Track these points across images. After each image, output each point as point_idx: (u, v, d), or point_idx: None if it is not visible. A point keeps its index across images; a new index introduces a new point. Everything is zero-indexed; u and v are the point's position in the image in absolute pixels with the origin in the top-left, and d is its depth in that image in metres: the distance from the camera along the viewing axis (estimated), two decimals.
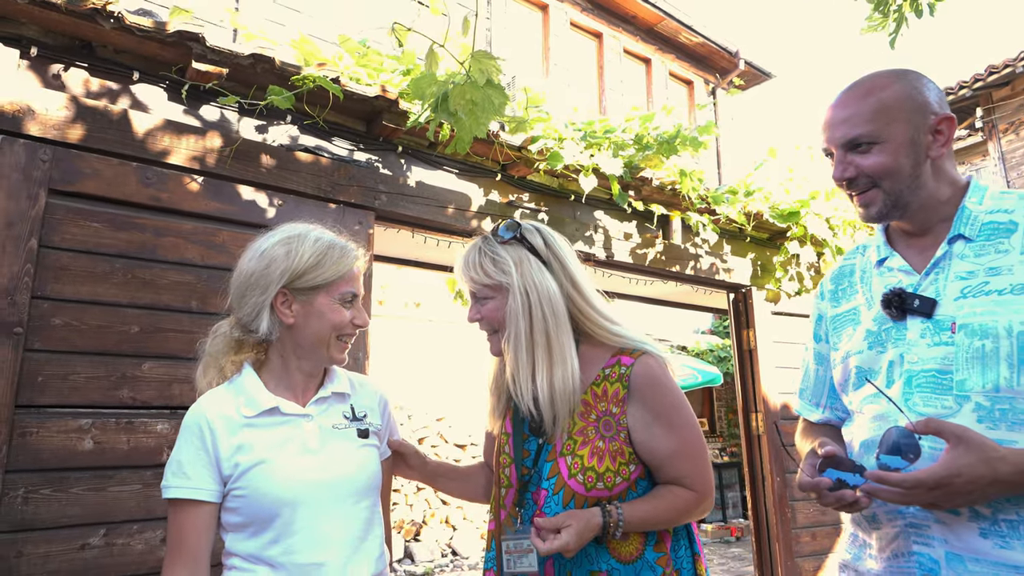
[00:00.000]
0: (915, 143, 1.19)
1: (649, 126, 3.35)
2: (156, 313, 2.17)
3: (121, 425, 2.06)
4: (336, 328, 1.32)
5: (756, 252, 4.26)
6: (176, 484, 1.23)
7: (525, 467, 1.38)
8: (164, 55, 2.34)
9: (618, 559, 1.31)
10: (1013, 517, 1.04)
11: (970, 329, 1.11)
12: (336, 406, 1.40)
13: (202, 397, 1.32)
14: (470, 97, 1.87)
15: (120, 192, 2.16)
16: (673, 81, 11.53)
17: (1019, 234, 1.14)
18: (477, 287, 1.41)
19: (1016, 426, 1.06)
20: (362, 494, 1.35)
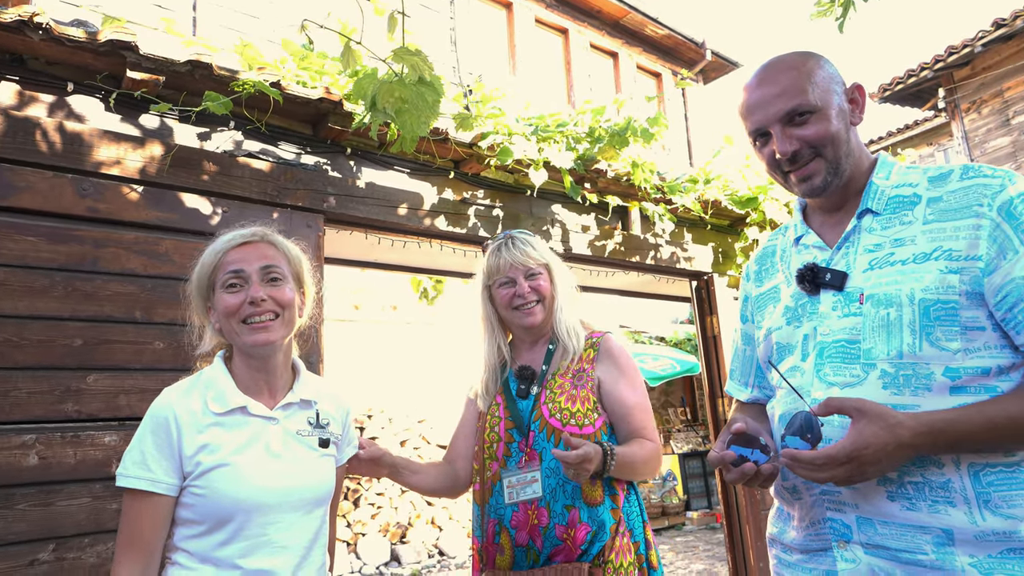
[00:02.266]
0: (842, 110, 1.23)
1: (600, 119, 3.37)
2: (99, 325, 2.16)
3: (67, 439, 2.04)
4: (228, 313, 1.31)
5: (717, 239, 4.30)
6: (136, 474, 1.23)
7: (519, 421, 1.72)
8: (97, 65, 2.33)
9: (586, 500, 1.62)
10: (918, 479, 1.08)
11: (876, 299, 1.14)
12: (301, 412, 1.40)
13: (170, 388, 1.32)
14: (399, 95, 1.87)
15: (56, 205, 2.14)
16: (641, 74, 11.58)
17: (922, 206, 1.17)
18: (534, 264, 1.78)
19: (919, 390, 1.09)
20: (316, 504, 1.36)
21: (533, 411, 1.72)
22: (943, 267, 1.10)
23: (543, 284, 1.78)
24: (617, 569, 1.60)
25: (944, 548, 1.04)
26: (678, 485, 10.08)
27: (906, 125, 13.04)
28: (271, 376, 1.37)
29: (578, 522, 1.60)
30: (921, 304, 1.10)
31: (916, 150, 13.04)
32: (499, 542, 1.67)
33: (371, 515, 7.57)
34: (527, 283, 1.76)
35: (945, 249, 1.11)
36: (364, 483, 7.62)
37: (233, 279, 1.32)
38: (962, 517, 1.04)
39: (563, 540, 1.60)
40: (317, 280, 1.51)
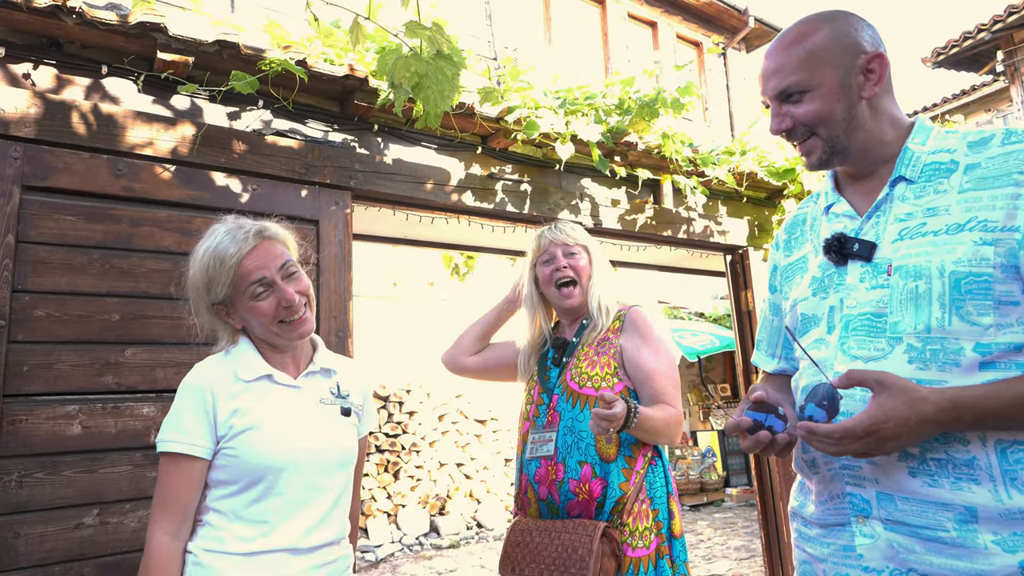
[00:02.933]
0: (846, 86, 1.17)
1: (630, 90, 3.31)
2: (136, 301, 2.24)
3: (108, 410, 2.14)
4: (265, 319, 1.38)
5: (753, 212, 4.21)
6: (175, 439, 1.32)
7: (548, 387, 1.94)
8: (129, 47, 2.38)
9: (600, 456, 1.76)
10: (941, 456, 1.05)
11: (904, 271, 1.10)
12: (323, 381, 1.49)
13: (201, 363, 1.42)
14: (415, 70, 1.87)
15: (93, 185, 2.22)
16: (681, 43, 11.30)
17: (959, 173, 1.12)
18: (572, 243, 1.99)
19: (947, 366, 1.05)
20: (339, 467, 1.45)
21: (559, 377, 1.92)
22: (977, 238, 1.06)
23: (580, 263, 1.97)
24: (633, 532, 1.72)
25: (967, 525, 1.01)
26: (717, 461, 10.02)
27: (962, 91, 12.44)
28: (295, 351, 1.47)
29: (592, 477, 1.75)
30: (952, 277, 1.05)
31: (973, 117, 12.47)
32: (527, 495, 1.86)
33: (411, 487, 7.74)
34: (565, 259, 1.97)
35: (980, 220, 1.06)
36: (404, 456, 7.78)
37: (259, 288, 1.37)
38: (986, 495, 1.01)
39: (576, 494, 1.75)
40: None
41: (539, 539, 1.74)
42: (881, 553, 1.08)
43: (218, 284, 1.37)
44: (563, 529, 1.71)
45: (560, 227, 2.05)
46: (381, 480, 7.60)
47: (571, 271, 1.96)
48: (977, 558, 1.00)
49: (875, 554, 1.09)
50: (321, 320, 2.57)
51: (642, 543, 1.72)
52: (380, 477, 7.61)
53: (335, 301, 2.61)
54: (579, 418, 1.81)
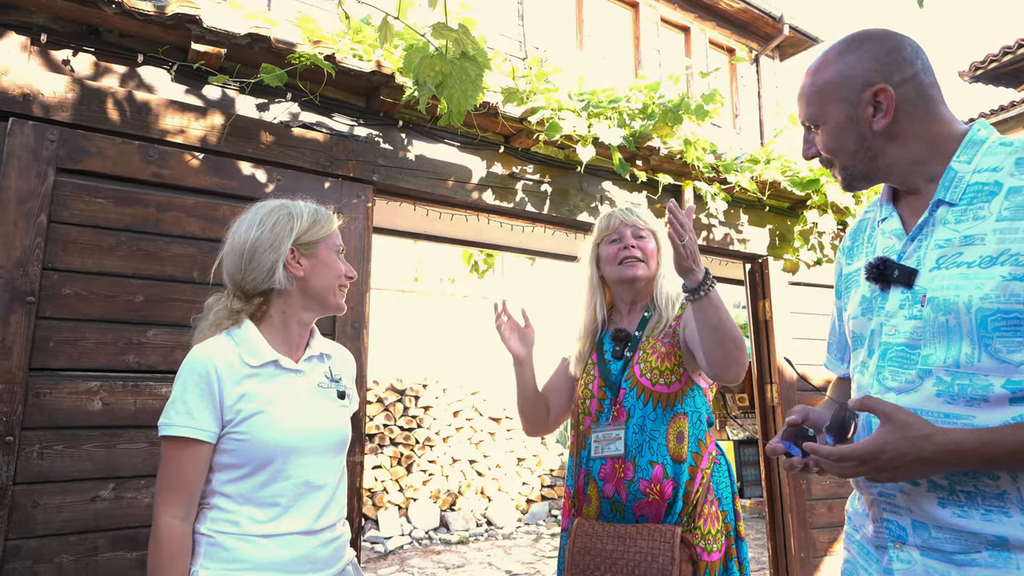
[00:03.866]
0: (853, 119, 1.18)
1: (655, 95, 3.32)
2: (160, 283, 2.31)
3: (128, 388, 2.21)
4: (339, 275, 1.51)
5: (775, 222, 4.19)
6: (180, 423, 1.33)
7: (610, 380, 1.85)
8: (165, 37, 2.45)
9: (672, 457, 1.72)
10: (970, 489, 1.05)
11: (936, 303, 1.08)
12: (319, 366, 1.54)
13: (205, 343, 1.42)
14: (439, 69, 1.91)
15: (124, 169, 2.29)
16: (713, 49, 11.23)
17: (1000, 197, 1.07)
18: (642, 226, 1.93)
19: (975, 402, 1.04)
20: (339, 448, 1.50)
21: (625, 370, 1.83)
22: (1007, 273, 1.02)
23: (648, 245, 1.92)
24: (705, 535, 1.69)
25: (1000, 550, 1.03)
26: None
27: (1000, 107, 12.19)
28: (306, 332, 1.53)
29: (663, 477, 1.70)
30: (978, 313, 1.03)
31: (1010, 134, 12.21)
32: (587, 492, 1.79)
33: (423, 481, 7.79)
34: (634, 240, 1.90)
35: (1013, 253, 1.02)
36: (417, 450, 7.84)
37: (342, 249, 1.55)
38: (1018, 526, 1.01)
39: (647, 494, 1.70)
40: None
41: (611, 546, 1.68)
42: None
43: (320, 228, 1.50)
44: (638, 536, 1.66)
45: (631, 208, 1.99)
46: (394, 473, 7.66)
47: (639, 251, 1.89)
48: (1011, 573, 1.01)
49: None
50: None
51: (715, 546, 1.70)
52: (393, 470, 7.67)
53: (352, 293, 2.66)
54: (651, 416, 1.76)
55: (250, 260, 1.45)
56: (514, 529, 8.02)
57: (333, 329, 2.60)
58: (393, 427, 7.87)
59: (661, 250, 1.93)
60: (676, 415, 1.76)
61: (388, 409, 7.91)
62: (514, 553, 7.11)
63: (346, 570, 1.48)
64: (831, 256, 4.22)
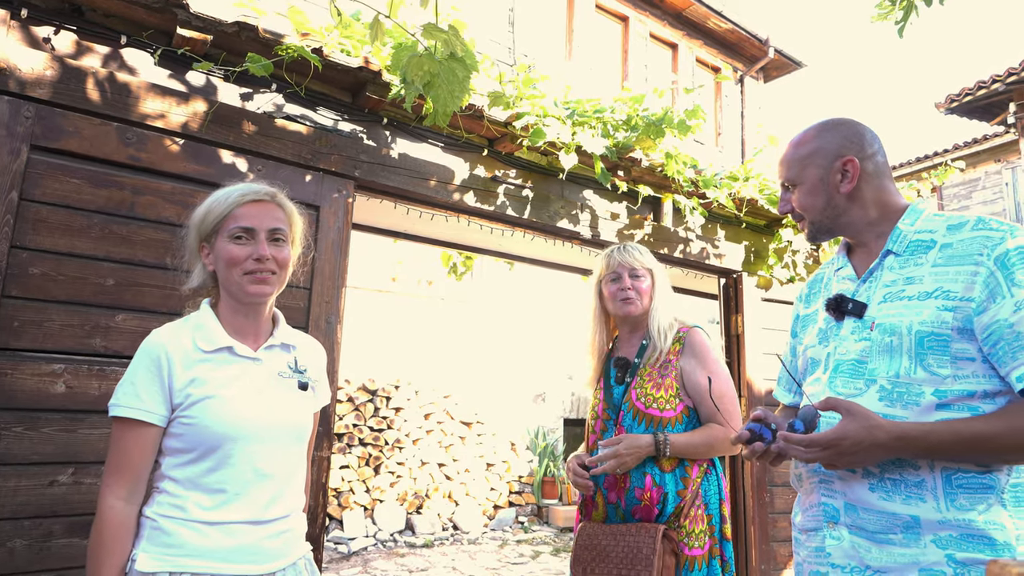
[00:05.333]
0: (824, 182, 1.47)
1: (639, 107, 3.36)
2: (131, 268, 2.27)
3: (93, 372, 2.17)
4: (229, 264, 1.42)
5: (751, 238, 4.25)
6: (128, 404, 1.33)
7: (613, 403, 2.14)
8: (151, 20, 2.43)
9: (658, 467, 2.00)
10: (896, 476, 1.30)
11: (883, 328, 1.35)
12: (282, 355, 1.52)
13: (158, 329, 1.43)
14: (428, 69, 1.91)
15: (100, 151, 2.26)
16: (700, 67, 11.37)
17: (935, 250, 1.36)
18: (640, 267, 2.19)
19: (909, 405, 1.30)
20: (295, 440, 1.48)
21: (624, 395, 2.12)
22: (940, 305, 1.30)
23: (643, 285, 2.18)
24: (689, 533, 1.97)
25: (911, 531, 1.26)
26: None
27: (973, 139, 12.51)
28: (256, 322, 1.49)
29: (653, 485, 1.98)
30: (917, 335, 1.30)
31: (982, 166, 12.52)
32: (595, 500, 2.08)
33: (390, 483, 7.74)
34: (630, 280, 2.16)
35: (944, 290, 1.30)
36: (386, 451, 7.79)
37: (241, 232, 1.43)
38: (930, 509, 1.25)
39: (640, 500, 1.99)
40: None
41: (606, 541, 1.98)
42: (844, 553, 1.34)
43: (211, 216, 1.44)
44: (627, 532, 1.95)
45: (629, 249, 2.23)
46: (361, 473, 7.60)
47: (634, 292, 2.16)
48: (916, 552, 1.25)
49: (840, 553, 1.35)
50: (313, 304, 2.60)
51: (697, 543, 1.97)
52: (360, 470, 7.61)
53: (328, 286, 2.65)
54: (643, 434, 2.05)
55: (184, 253, 1.51)
56: (480, 535, 8.00)
57: (307, 323, 2.58)
58: (363, 427, 7.81)
59: (656, 287, 2.20)
60: None
61: (359, 409, 7.85)
62: (479, 559, 7.08)
63: (297, 564, 1.45)
64: (803, 275, 4.30)
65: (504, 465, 8.66)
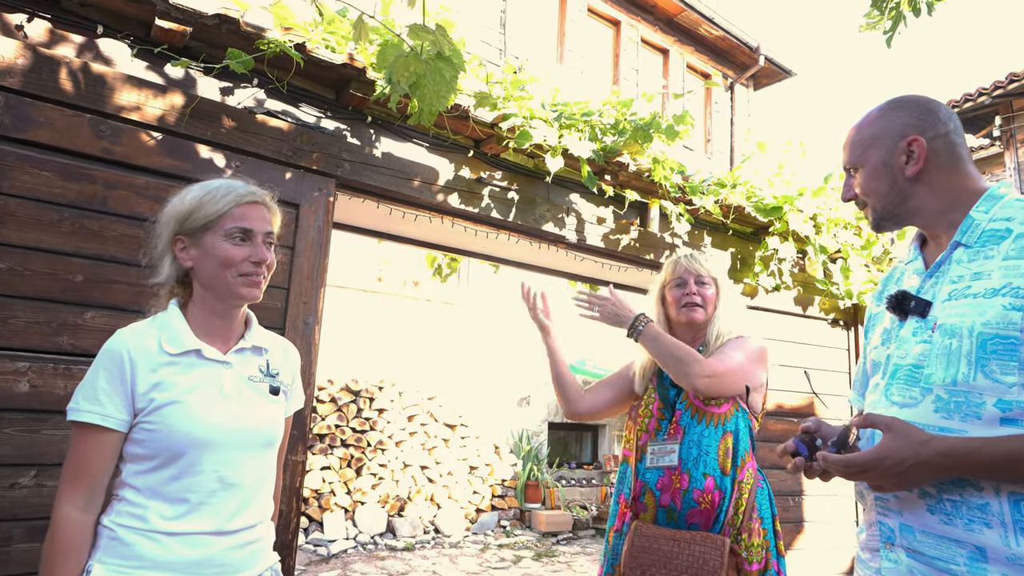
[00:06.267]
0: (888, 165, 1.34)
1: (627, 112, 3.33)
2: (102, 264, 2.21)
3: (59, 371, 2.10)
4: (225, 264, 1.37)
5: (738, 246, 4.23)
6: (88, 409, 1.28)
7: (668, 402, 2.08)
8: (128, 10, 2.37)
9: (720, 470, 1.94)
10: (956, 498, 1.16)
11: (944, 329, 1.22)
12: (253, 358, 1.47)
13: (123, 329, 1.37)
14: (414, 69, 1.87)
15: (73, 143, 2.19)
16: (691, 74, 11.40)
17: (1008, 241, 1.22)
18: (705, 275, 2.16)
19: (968, 418, 1.15)
20: (265, 445, 1.43)
21: (681, 393, 2.06)
22: (1007, 303, 1.15)
23: (709, 293, 2.14)
24: (748, 547, 1.92)
25: (977, 563, 1.11)
26: None
27: None
28: (230, 323, 1.44)
29: (714, 487, 1.92)
30: (979, 337, 1.16)
31: None
32: (644, 500, 2.00)
33: (372, 485, 7.66)
34: (696, 287, 2.14)
35: (1015, 286, 1.16)
36: (368, 453, 7.72)
37: (240, 233, 1.38)
38: (996, 539, 1.10)
39: (699, 503, 1.91)
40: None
41: (667, 547, 1.90)
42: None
43: (203, 212, 1.37)
44: (692, 540, 1.88)
45: (696, 256, 2.21)
46: (343, 475, 7.52)
47: (699, 298, 2.13)
48: None
49: None
50: (290, 305, 2.55)
51: (756, 559, 1.92)
52: (342, 472, 7.53)
53: (306, 286, 2.59)
54: (704, 433, 1.99)
55: (152, 247, 1.43)
56: (461, 538, 7.94)
57: (284, 323, 2.53)
58: (345, 428, 7.73)
59: (721, 296, 2.17)
60: (726, 432, 1.98)
61: (341, 409, 7.77)
62: (460, 562, 7.02)
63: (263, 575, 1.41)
64: (789, 283, 4.29)
65: (487, 468, 8.60)
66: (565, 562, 7.36)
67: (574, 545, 8.26)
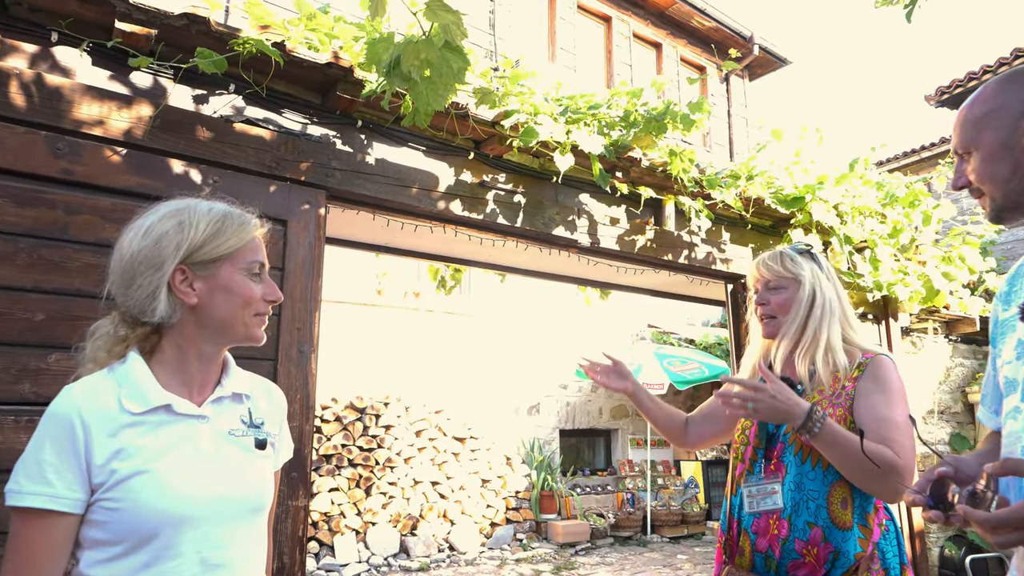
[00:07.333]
0: (1008, 146, 1.17)
1: (637, 102, 3.08)
2: (66, 299, 1.96)
3: (21, 424, 1.85)
4: (248, 301, 1.18)
5: (758, 240, 3.98)
6: (33, 491, 1.01)
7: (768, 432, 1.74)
8: (85, 14, 2.12)
9: (833, 522, 1.60)
10: None
11: None
12: (233, 408, 1.22)
13: (74, 384, 1.11)
14: (425, 56, 1.64)
15: (27, 164, 1.95)
16: (685, 67, 11.19)
17: None
18: (775, 277, 1.79)
19: None
20: (255, 512, 1.18)
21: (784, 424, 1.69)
22: None
23: (779, 299, 1.79)
24: None
25: None
26: (700, 493, 9.77)
27: None
28: (211, 368, 1.21)
29: (821, 541, 1.60)
30: None
31: None
32: (740, 543, 1.72)
33: (382, 504, 7.42)
34: (766, 295, 1.82)
35: None
36: (377, 472, 7.47)
37: (257, 268, 1.20)
38: None
39: (802, 555, 1.61)
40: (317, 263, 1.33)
41: None
42: None
43: (223, 240, 1.16)
44: None
45: (767, 260, 1.85)
46: (352, 495, 7.27)
47: (771, 308, 1.80)
48: None
49: None
50: (282, 332, 2.29)
51: None
52: (351, 492, 7.28)
53: (299, 311, 2.34)
54: (809, 475, 1.66)
55: (130, 280, 1.14)
56: (478, 554, 7.69)
57: (276, 353, 2.27)
58: (352, 447, 7.49)
59: (804, 298, 1.77)
60: (841, 479, 1.62)
61: (347, 428, 7.53)
62: None
63: None
64: None
65: (500, 481, 8.35)
66: (586, 574, 7.11)
67: (593, 555, 8.01)
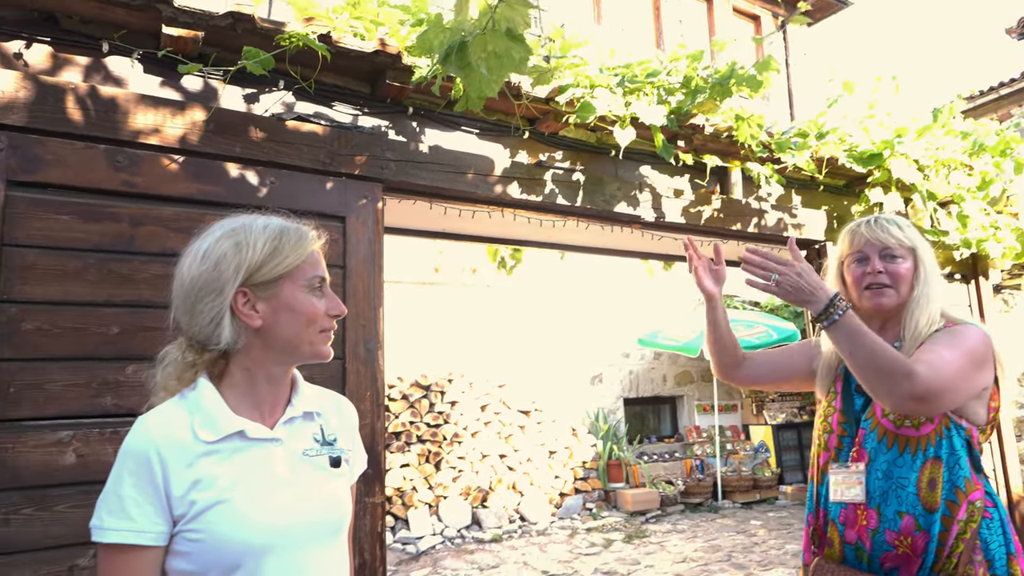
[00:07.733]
0: None
1: (698, 66, 2.91)
2: (137, 311, 1.98)
3: (106, 435, 1.90)
4: (313, 318, 1.15)
5: (832, 203, 3.76)
6: (116, 527, 1.02)
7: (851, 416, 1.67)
8: (133, 22, 2.11)
9: (925, 507, 1.51)
10: None
11: None
12: (305, 427, 1.20)
13: (147, 416, 1.10)
14: (492, 48, 1.56)
15: (88, 179, 1.96)
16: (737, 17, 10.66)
17: None
18: (895, 244, 1.67)
19: None
20: (336, 532, 1.17)
21: (866, 408, 1.65)
22: None
23: (902, 269, 1.67)
24: None
25: None
26: (771, 457, 9.57)
27: None
28: (281, 388, 1.19)
29: (915, 530, 1.52)
30: None
31: None
32: (828, 534, 1.65)
33: (452, 478, 7.55)
34: (881, 263, 1.67)
35: None
36: (445, 447, 7.58)
37: (318, 282, 1.18)
38: None
39: (895, 546, 1.53)
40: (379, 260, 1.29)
41: None
42: None
43: (280, 260, 1.13)
44: None
45: (881, 222, 1.71)
46: (423, 470, 7.43)
47: (887, 277, 1.66)
48: None
49: None
50: (348, 331, 2.28)
51: None
52: (422, 467, 7.44)
53: (363, 308, 2.32)
54: (898, 463, 1.57)
55: (192, 307, 1.12)
56: (548, 524, 7.75)
57: (343, 352, 2.26)
58: (420, 424, 7.62)
59: (920, 270, 1.68)
60: (928, 460, 1.54)
61: (414, 406, 7.66)
62: (549, 551, 6.84)
63: None
64: None
65: (566, 451, 8.37)
66: (658, 542, 7.08)
67: (664, 523, 7.97)
